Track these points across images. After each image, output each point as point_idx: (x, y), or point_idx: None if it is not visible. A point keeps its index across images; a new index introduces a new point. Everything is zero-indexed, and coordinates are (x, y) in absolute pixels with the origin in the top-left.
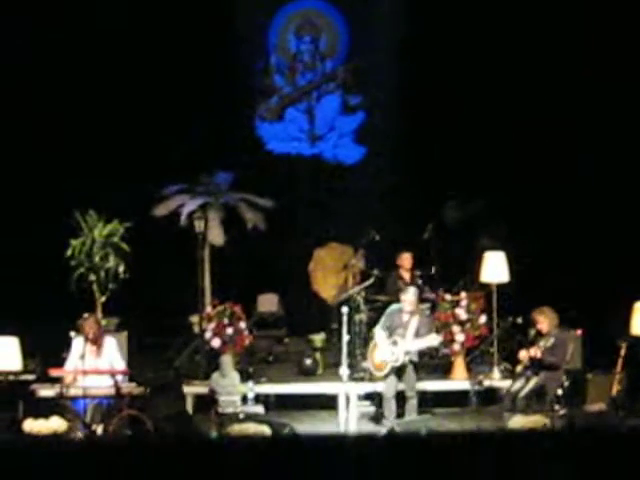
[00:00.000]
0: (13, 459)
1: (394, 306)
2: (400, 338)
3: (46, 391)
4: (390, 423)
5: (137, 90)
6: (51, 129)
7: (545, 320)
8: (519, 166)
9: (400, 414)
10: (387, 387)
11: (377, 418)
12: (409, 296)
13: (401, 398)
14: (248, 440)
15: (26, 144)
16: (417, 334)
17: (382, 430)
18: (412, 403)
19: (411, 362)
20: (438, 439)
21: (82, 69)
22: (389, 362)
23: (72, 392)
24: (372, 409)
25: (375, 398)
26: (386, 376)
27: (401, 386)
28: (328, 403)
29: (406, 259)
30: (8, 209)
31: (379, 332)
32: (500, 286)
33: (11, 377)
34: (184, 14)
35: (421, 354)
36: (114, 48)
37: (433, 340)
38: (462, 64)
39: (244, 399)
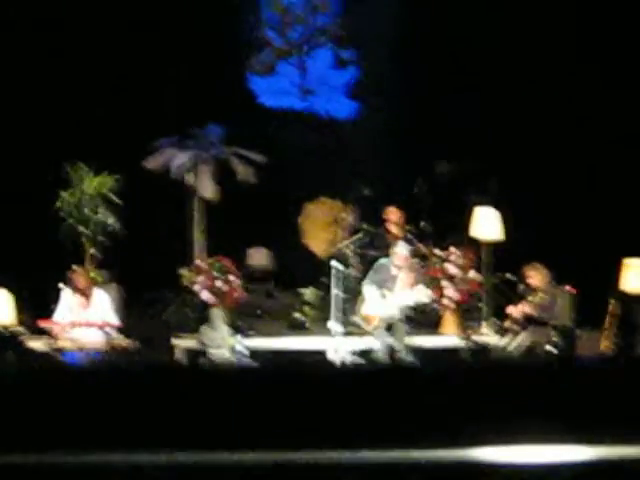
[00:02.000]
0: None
1: (382, 260)
2: (389, 292)
3: (35, 343)
4: None
5: (127, 41)
6: (40, 79)
7: (536, 276)
8: (514, 120)
9: None
10: (374, 342)
11: None
12: (399, 250)
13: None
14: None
15: (14, 95)
16: (407, 288)
17: None
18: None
19: (401, 316)
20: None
21: (70, 20)
22: (378, 316)
23: (61, 344)
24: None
25: (364, 353)
26: (375, 329)
27: (390, 340)
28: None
29: (392, 213)
30: None
31: (367, 286)
32: (491, 241)
33: (1, 329)
34: None
35: (411, 309)
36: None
37: (422, 293)
38: (459, 17)
39: (233, 352)
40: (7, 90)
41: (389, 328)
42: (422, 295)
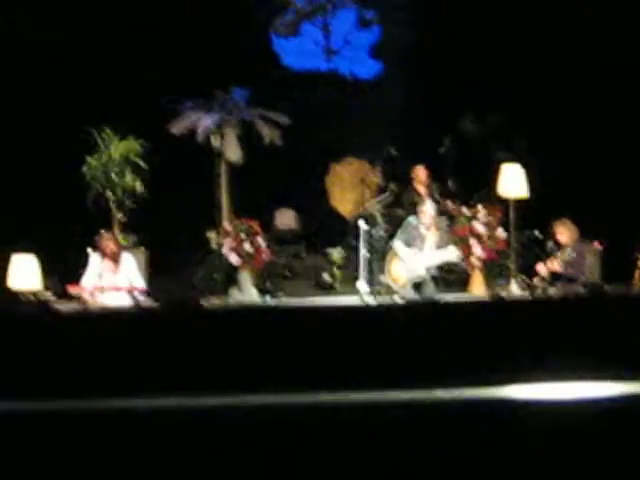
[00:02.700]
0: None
1: (411, 219)
2: (418, 251)
3: (64, 308)
4: None
5: (151, 5)
6: (66, 44)
7: (565, 232)
8: (539, 76)
9: None
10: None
11: None
12: (427, 209)
13: None
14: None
15: (41, 60)
16: (435, 247)
17: None
18: None
19: (430, 276)
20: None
21: None
22: (407, 275)
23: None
24: None
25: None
26: (403, 289)
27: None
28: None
29: (420, 171)
30: (23, 128)
31: (397, 245)
32: (518, 199)
33: (30, 295)
34: None
35: (439, 268)
36: None
37: (451, 253)
38: None
39: None
40: (33, 55)
41: (417, 287)
42: (451, 254)
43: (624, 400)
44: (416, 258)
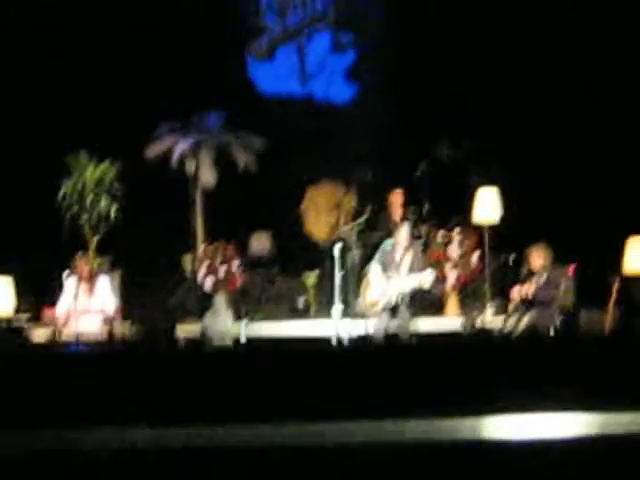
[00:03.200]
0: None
1: (387, 243)
2: (394, 275)
3: (39, 331)
4: None
5: (127, 28)
6: (40, 68)
7: (539, 258)
8: (515, 102)
9: None
10: (378, 326)
11: None
12: (401, 233)
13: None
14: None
15: (14, 84)
16: (410, 270)
17: None
18: None
19: (406, 299)
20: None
21: (69, 7)
22: (381, 300)
23: (65, 332)
24: None
25: (367, 336)
26: (378, 314)
27: (393, 325)
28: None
29: (396, 196)
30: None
31: (373, 270)
32: (492, 225)
33: (3, 320)
34: None
35: (413, 292)
36: None
37: (427, 275)
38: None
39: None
40: (7, 80)
41: (392, 313)
42: (426, 278)
43: (601, 432)
44: (391, 283)
